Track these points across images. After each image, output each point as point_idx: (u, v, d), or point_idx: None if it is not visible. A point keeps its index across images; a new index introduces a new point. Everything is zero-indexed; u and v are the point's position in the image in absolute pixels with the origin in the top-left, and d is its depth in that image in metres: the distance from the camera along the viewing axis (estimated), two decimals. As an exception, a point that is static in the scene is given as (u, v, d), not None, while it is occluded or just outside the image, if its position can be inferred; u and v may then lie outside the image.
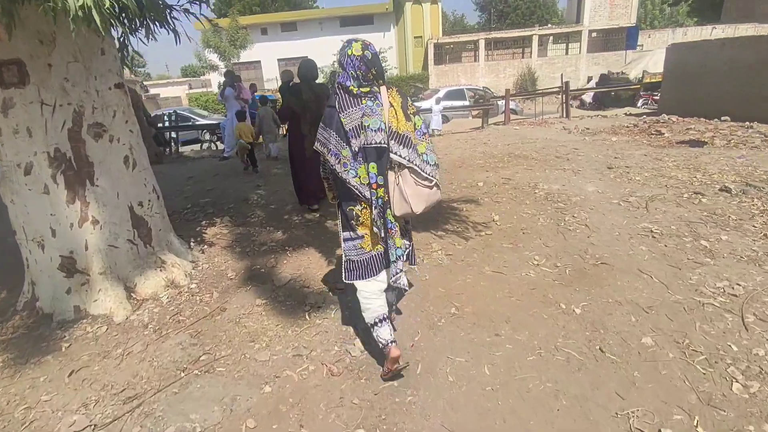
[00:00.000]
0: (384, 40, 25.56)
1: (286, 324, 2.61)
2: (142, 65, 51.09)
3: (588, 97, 16.00)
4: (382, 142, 1.87)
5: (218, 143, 10.55)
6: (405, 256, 2.09)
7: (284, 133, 7.61)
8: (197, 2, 3.24)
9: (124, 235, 2.98)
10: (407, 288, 2.22)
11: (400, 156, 1.89)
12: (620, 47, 23.44)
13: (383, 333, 2.05)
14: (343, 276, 2.09)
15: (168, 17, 3.16)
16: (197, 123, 12.71)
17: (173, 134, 9.84)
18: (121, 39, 3.17)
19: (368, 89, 1.89)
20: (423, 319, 2.58)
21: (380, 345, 2.07)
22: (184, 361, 2.32)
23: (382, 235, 1.98)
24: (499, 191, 4.90)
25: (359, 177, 1.92)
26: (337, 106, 1.90)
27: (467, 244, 3.56)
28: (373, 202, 1.93)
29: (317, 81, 4.62)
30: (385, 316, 2.08)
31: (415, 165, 1.89)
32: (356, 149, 1.89)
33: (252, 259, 3.53)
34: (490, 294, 2.81)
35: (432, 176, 1.92)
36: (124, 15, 2.92)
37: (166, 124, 10.16)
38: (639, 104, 14.42)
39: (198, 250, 3.74)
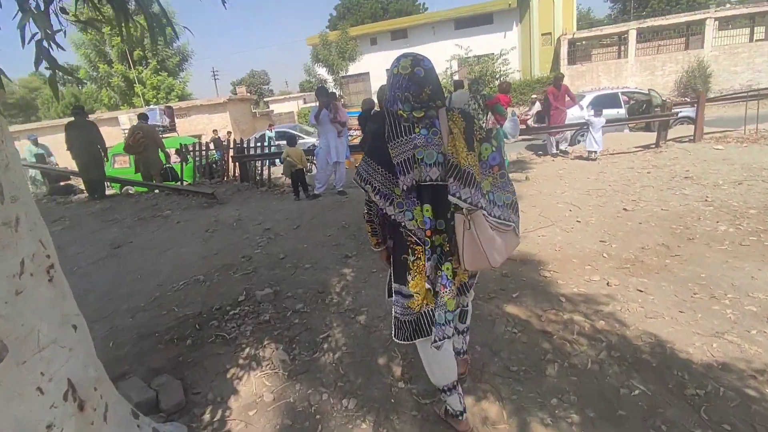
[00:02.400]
0: (505, 41, 22.59)
1: None
2: (266, 82, 54.14)
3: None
4: (439, 178, 1.52)
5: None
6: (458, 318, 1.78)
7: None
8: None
9: None
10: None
11: (459, 198, 1.47)
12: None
13: (453, 402, 1.85)
14: (393, 333, 1.77)
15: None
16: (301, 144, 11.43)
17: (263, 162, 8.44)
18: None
19: (422, 114, 1.53)
20: None
21: (449, 412, 1.90)
22: None
23: (434, 291, 1.63)
24: None
25: (416, 220, 1.57)
26: (386, 135, 1.54)
27: None
28: (427, 252, 1.57)
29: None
30: (455, 383, 1.82)
31: (480, 207, 1.48)
32: (405, 187, 1.53)
33: None
34: None
35: (507, 220, 1.56)
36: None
37: (257, 150, 8.76)
38: None
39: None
